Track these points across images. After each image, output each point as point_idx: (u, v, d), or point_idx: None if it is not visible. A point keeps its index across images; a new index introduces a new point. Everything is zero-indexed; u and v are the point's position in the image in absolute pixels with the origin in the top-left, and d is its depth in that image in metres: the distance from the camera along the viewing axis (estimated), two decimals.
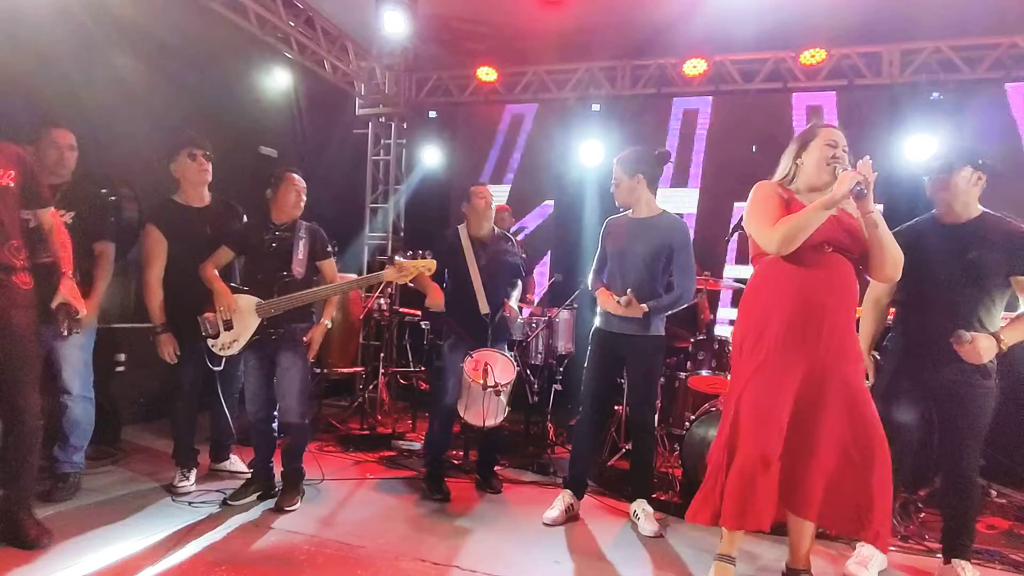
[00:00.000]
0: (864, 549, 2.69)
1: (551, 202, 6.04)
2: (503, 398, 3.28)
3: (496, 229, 3.61)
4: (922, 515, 3.31)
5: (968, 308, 2.50)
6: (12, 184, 2.43)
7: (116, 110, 3.98)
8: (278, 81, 5.62)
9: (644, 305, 2.98)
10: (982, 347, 2.38)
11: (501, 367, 3.27)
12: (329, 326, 3.21)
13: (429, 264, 3.09)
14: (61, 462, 3.01)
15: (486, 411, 3.20)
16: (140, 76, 4.18)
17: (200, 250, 3.13)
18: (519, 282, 3.72)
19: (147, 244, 3.16)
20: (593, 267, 3.31)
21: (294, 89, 5.80)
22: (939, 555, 2.67)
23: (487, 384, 3.16)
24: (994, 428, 3.80)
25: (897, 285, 2.62)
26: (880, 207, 2.28)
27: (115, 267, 3.19)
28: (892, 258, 2.28)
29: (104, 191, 3.29)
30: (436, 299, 3.37)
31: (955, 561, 2.55)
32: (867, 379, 2.69)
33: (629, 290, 2.98)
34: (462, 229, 3.52)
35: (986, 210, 2.59)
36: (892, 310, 2.90)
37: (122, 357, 4.01)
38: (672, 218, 3.17)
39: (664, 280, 3.13)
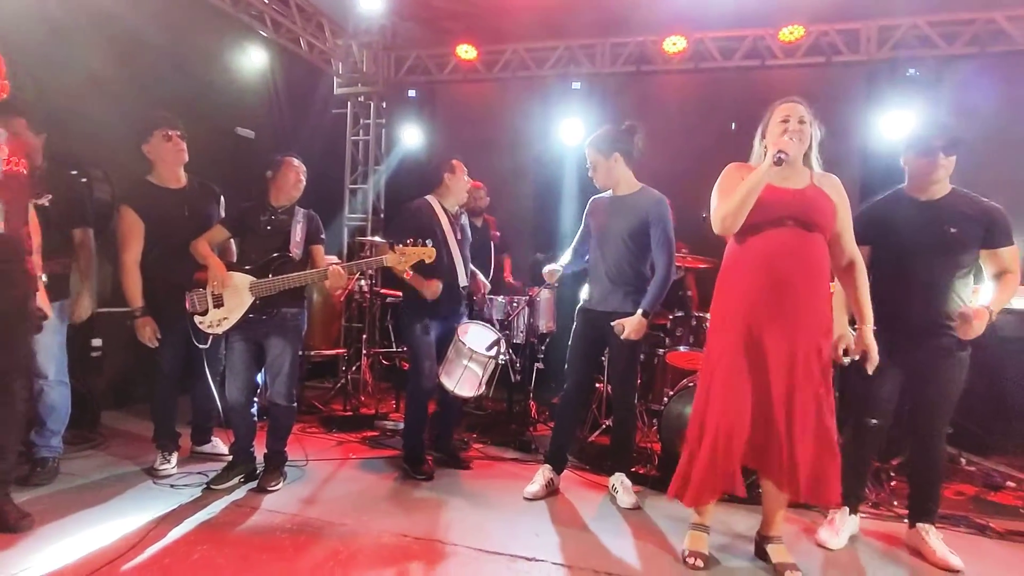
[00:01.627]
0: (836, 516, 2.77)
1: (525, 181, 6.03)
2: (485, 372, 3.33)
3: (459, 208, 3.60)
4: (893, 483, 3.41)
5: (945, 280, 2.57)
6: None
7: (86, 92, 3.89)
8: (253, 60, 5.52)
9: (640, 311, 3.00)
10: (978, 325, 2.44)
11: (503, 344, 3.35)
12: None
13: (429, 251, 3.07)
14: (39, 447, 2.99)
15: (480, 383, 3.27)
16: (111, 56, 4.07)
17: (178, 232, 3.10)
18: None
19: (123, 226, 3.11)
20: (573, 244, 3.34)
21: (270, 68, 5.69)
22: (906, 520, 2.76)
23: (496, 354, 3.25)
24: (965, 399, 3.94)
25: (870, 260, 2.66)
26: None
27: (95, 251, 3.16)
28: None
29: (74, 172, 3.24)
30: (433, 287, 3.27)
31: (920, 525, 2.64)
32: (846, 354, 2.72)
33: (642, 315, 2.99)
34: (433, 200, 3.47)
35: (954, 186, 2.65)
36: None
37: (98, 342, 3.97)
38: (650, 193, 3.17)
39: (649, 258, 3.13)
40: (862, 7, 4.91)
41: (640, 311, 2.99)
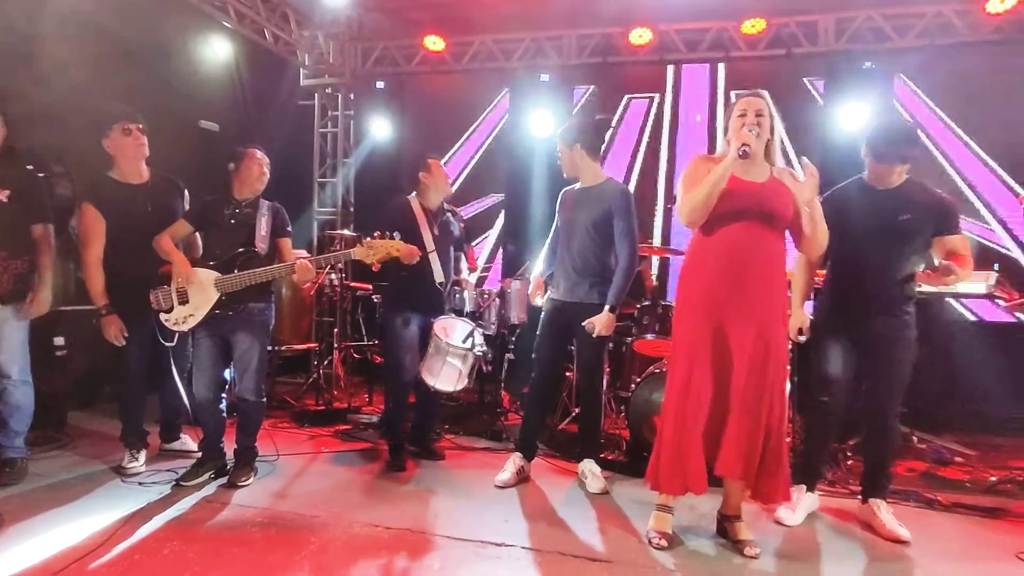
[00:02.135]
0: (794, 494, 2.88)
1: (502, 176, 6.07)
2: (466, 366, 3.37)
3: (444, 204, 3.63)
4: (849, 462, 3.56)
5: (898, 264, 2.70)
6: None
7: (45, 86, 3.79)
8: (217, 52, 5.42)
9: (607, 307, 3.05)
10: (951, 277, 2.56)
11: (476, 334, 3.40)
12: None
13: (398, 245, 3.07)
14: (5, 447, 2.96)
15: (459, 377, 3.32)
16: (70, 49, 3.97)
17: (141, 228, 3.07)
18: (461, 254, 3.79)
19: (84, 223, 3.07)
20: (548, 241, 3.38)
21: (234, 60, 5.59)
22: (859, 496, 2.89)
23: (471, 347, 3.28)
24: (918, 380, 4.11)
25: (830, 245, 2.77)
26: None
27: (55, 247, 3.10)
28: (818, 241, 2.45)
29: (31, 167, 3.17)
30: (412, 252, 3.23)
31: (872, 500, 2.77)
32: (800, 334, 2.86)
33: (611, 313, 3.05)
34: (413, 200, 3.51)
35: (909, 176, 2.77)
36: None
37: (61, 341, 3.90)
38: (614, 184, 3.24)
39: (613, 249, 3.17)
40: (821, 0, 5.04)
41: (607, 307, 3.06)
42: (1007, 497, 3.18)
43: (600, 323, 3.05)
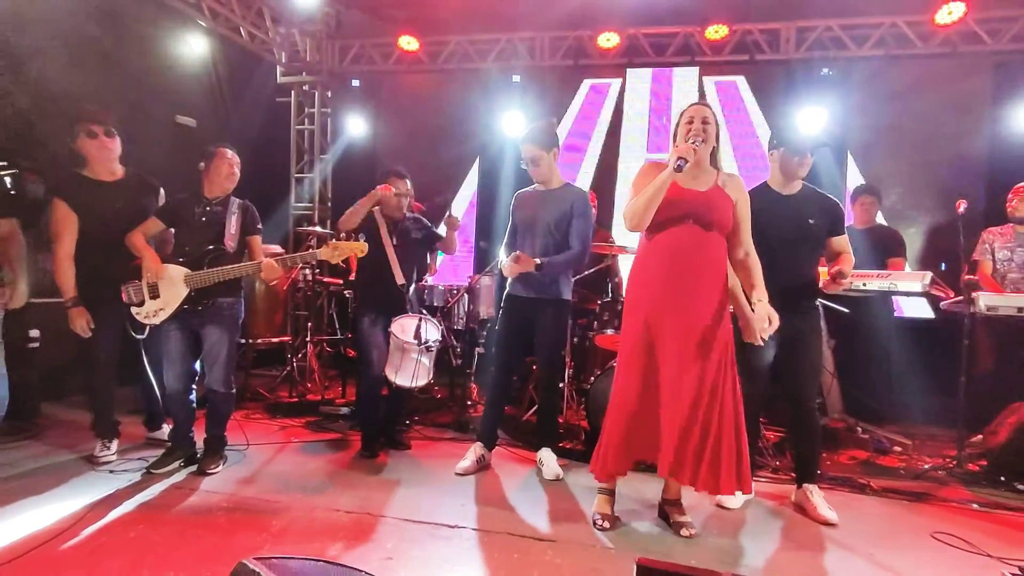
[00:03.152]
0: None
1: (474, 171, 6.20)
2: (427, 361, 3.51)
3: (408, 213, 3.79)
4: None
5: (807, 262, 2.95)
6: None
7: (17, 83, 3.85)
8: (193, 48, 5.49)
9: (536, 259, 3.22)
10: (847, 280, 2.88)
11: (427, 327, 3.51)
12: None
13: (362, 246, 3.23)
14: None
15: (416, 373, 3.44)
16: (45, 47, 4.03)
17: (112, 224, 3.16)
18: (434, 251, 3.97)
19: (55, 219, 3.16)
20: (504, 241, 3.52)
21: (211, 57, 5.68)
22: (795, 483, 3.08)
23: (421, 341, 3.39)
24: (862, 374, 4.32)
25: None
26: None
27: (27, 242, 3.18)
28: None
29: (3, 164, 3.24)
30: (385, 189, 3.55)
31: (805, 486, 2.96)
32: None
33: (517, 252, 3.22)
34: (377, 212, 3.67)
35: (804, 182, 3.00)
36: None
37: (35, 333, 3.97)
38: (576, 188, 3.45)
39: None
40: (783, 9, 5.22)
41: (535, 262, 3.21)
42: (936, 483, 3.40)
43: (513, 258, 3.21)
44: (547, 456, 3.39)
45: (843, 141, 5.15)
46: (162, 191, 3.50)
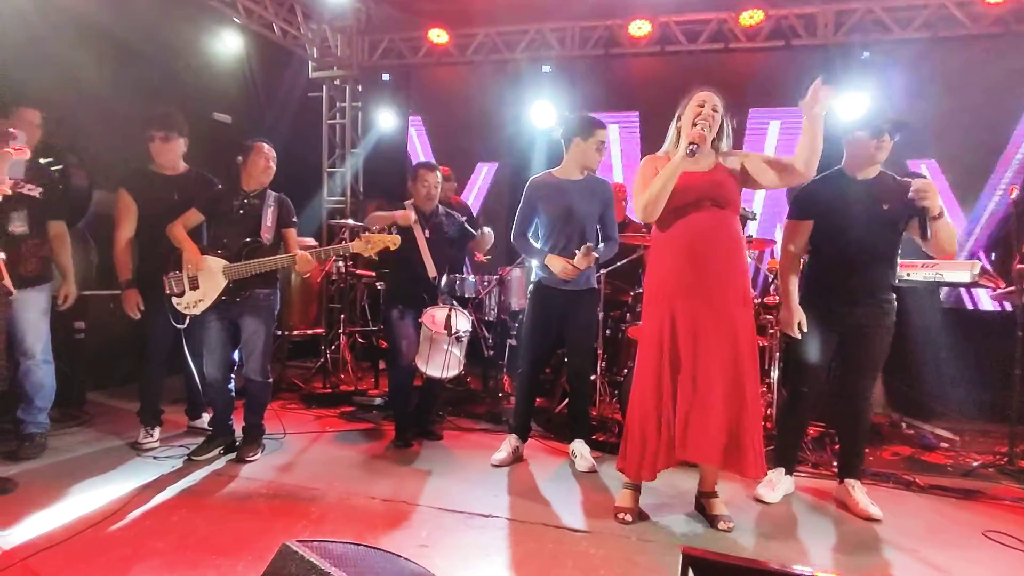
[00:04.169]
0: (772, 475, 3.00)
1: (499, 163, 6.19)
2: (458, 351, 3.52)
3: (440, 207, 3.80)
4: (836, 446, 3.65)
5: (880, 252, 2.78)
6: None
7: (63, 83, 3.97)
8: (228, 46, 5.59)
9: (595, 252, 3.20)
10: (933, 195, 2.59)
11: (457, 317, 3.52)
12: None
13: (394, 239, 3.27)
14: (26, 423, 3.15)
15: (447, 363, 3.45)
16: (87, 47, 4.15)
17: (163, 214, 3.29)
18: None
19: (118, 207, 3.41)
20: (518, 229, 3.41)
21: (245, 54, 5.77)
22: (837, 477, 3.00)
23: (451, 331, 3.40)
24: (908, 367, 4.17)
25: (812, 235, 2.86)
26: None
27: (71, 235, 3.35)
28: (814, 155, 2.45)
29: (49, 160, 3.35)
30: (406, 215, 3.55)
31: (847, 480, 2.88)
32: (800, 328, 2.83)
33: (588, 244, 3.17)
34: (409, 204, 3.70)
35: (882, 168, 2.84)
36: None
37: (81, 325, 4.11)
38: (600, 178, 3.43)
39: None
40: None
41: (596, 255, 3.21)
42: (986, 480, 3.27)
43: (584, 252, 3.13)
44: (580, 448, 3.36)
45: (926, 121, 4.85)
46: (220, 187, 3.59)
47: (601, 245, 3.35)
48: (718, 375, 2.43)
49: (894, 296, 2.84)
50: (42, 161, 3.21)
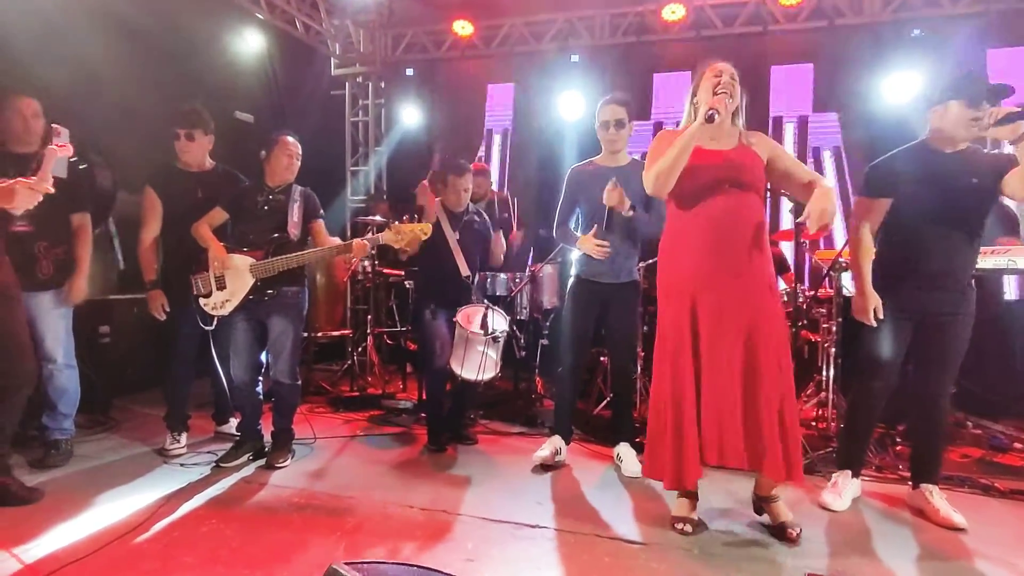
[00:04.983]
0: (839, 479, 2.78)
1: (533, 156, 6.01)
2: (494, 353, 3.35)
3: (471, 206, 3.66)
4: (898, 447, 3.41)
5: (968, 232, 2.53)
6: None
7: (85, 80, 3.89)
8: (250, 44, 5.49)
9: (628, 202, 2.96)
10: None
11: (494, 316, 3.36)
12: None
13: (425, 227, 3.11)
14: (52, 429, 3.05)
15: (483, 365, 3.30)
16: (108, 45, 4.06)
17: (188, 211, 3.19)
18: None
19: (144, 205, 3.32)
20: (559, 218, 3.29)
21: (267, 51, 5.67)
22: (909, 482, 2.76)
23: (487, 331, 3.24)
24: (973, 363, 3.90)
25: (885, 217, 2.62)
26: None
27: (94, 238, 3.22)
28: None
29: (74, 159, 3.25)
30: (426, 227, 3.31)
31: (923, 486, 2.64)
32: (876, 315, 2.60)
33: (614, 178, 2.95)
34: (438, 204, 3.57)
35: (971, 143, 2.59)
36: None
37: (106, 329, 4.02)
38: (637, 162, 3.20)
39: None
40: None
41: (629, 203, 2.98)
42: None
43: (612, 185, 2.93)
44: (626, 451, 3.17)
45: None
46: (246, 184, 3.48)
47: (646, 215, 3.07)
48: (749, 372, 2.24)
49: (974, 281, 2.59)
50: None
